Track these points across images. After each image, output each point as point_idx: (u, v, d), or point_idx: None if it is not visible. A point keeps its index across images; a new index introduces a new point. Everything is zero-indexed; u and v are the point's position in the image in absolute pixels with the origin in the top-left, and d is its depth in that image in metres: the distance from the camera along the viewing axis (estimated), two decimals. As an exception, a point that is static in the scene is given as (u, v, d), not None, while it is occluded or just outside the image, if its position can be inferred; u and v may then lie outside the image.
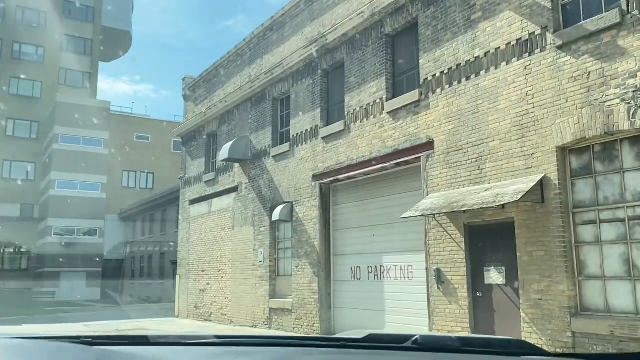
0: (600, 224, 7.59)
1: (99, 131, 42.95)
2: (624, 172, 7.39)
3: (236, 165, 16.90)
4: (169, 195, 33.49)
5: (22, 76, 44.49)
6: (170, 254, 32.61)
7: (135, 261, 39.92)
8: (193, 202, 19.70)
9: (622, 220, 7.35)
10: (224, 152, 16.41)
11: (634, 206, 7.22)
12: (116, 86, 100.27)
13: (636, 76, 7.08)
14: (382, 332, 1.67)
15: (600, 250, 7.56)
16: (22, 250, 41.85)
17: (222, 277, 17.24)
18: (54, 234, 40.53)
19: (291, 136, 14.43)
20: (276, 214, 14.20)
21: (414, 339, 1.60)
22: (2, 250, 41.74)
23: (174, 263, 30.02)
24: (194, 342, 1.72)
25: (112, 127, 44.32)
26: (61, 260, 38.89)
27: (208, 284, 18.06)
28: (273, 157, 15.09)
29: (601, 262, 7.52)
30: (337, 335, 1.83)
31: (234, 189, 17.06)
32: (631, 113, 7.08)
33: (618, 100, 7.24)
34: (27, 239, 41.55)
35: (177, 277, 20.47)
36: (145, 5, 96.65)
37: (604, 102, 7.40)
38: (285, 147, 14.60)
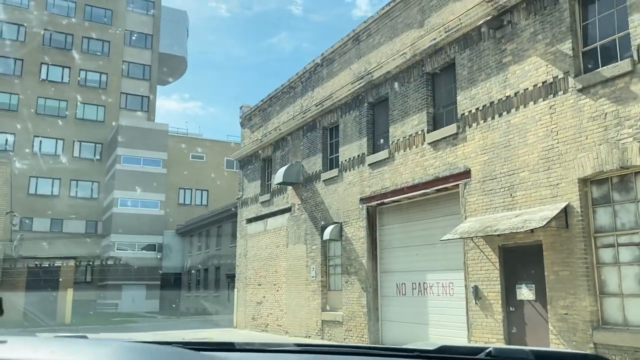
0: (618, 247, 8.56)
1: (157, 152, 45.79)
2: (638, 202, 8.35)
3: (289, 187, 18.39)
4: (224, 213, 35.45)
5: (87, 101, 47.93)
6: (225, 268, 34.46)
7: (192, 275, 42.06)
8: (250, 220, 21.32)
9: (637, 244, 8.30)
10: (278, 176, 17.95)
11: (647, 232, 8.17)
12: (166, 104, 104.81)
13: (646, 118, 8.07)
14: (454, 345, 1.79)
15: (618, 271, 8.51)
16: (88, 264, 44.80)
17: (277, 290, 18.69)
18: (117, 249, 43.30)
19: (340, 162, 15.79)
20: (327, 233, 15.55)
21: (487, 351, 1.58)
22: (64, 264, 44.80)
23: (229, 277, 31.80)
24: (276, 349, 1.79)
25: (169, 148, 47.02)
26: (124, 273, 41.52)
27: (264, 296, 19.54)
28: (323, 181, 16.48)
29: (619, 282, 8.47)
30: (408, 346, 1.86)
31: (288, 210, 18.54)
32: (642, 150, 8.07)
33: (631, 139, 8.24)
34: (91, 253, 44.48)
35: (236, 290, 22.07)
36: (191, 25, 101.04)
37: (619, 140, 8.41)
38: (334, 172, 15.98)
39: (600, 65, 8.97)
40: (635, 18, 8.38)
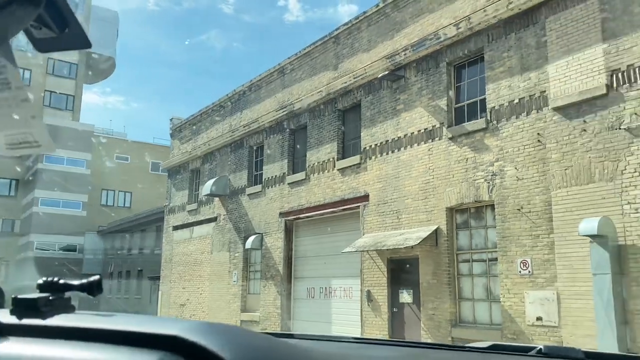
0: (472, 262, 11.10)
1: (82, 152, 45.56)
2: (487, 228, 10.93)
3: (216, 199, 20.08)
4: (149, 217, 36.24)
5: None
6: (149, 270, 35.27)
7: (114, 276, 42.28)
8: (176, 228, 22.74)
9: (485, 261, 10.87)
10: (206, 188, 19.60)
11: (491, 251, 10.74)
12: (86, 97, 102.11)
13: (493, 165, 10.66)
14: (504, 343, 1.78)
15: (471, 281, 11.05)
16: (2, 263, 43.78)
17: (201, 294, 20.28)
18: (35, 249, 42.72)
19: (263, 179, 17.74)
20: (249, 242, 17.42)
21: (537, 348, 1.60)
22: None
23: (152, 279, 32.69)
24: (333, 340, 1.85)
25: (93, 148, 46.91)
26: (41, 274, 41.05)
27: (188, 299, 21.05)
28: (248, 195, 18.35)
29: (472, 289, 11.01)
30: (461, 345, 1.90)
31: (214, 219, 20.21)
32: (489, 189, 10.65)
33: (483, 180, 10.81)
34: (7, 253, 43.55)
35: (160, 292, 23.37)
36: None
37: (475, 180, 10.96)
38: (258, 188, 17.90)
39: (465, 120, 11.52)
40: (490, 87, 10.98)
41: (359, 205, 13.82)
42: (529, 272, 9.75)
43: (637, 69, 8.77)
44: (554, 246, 9.45)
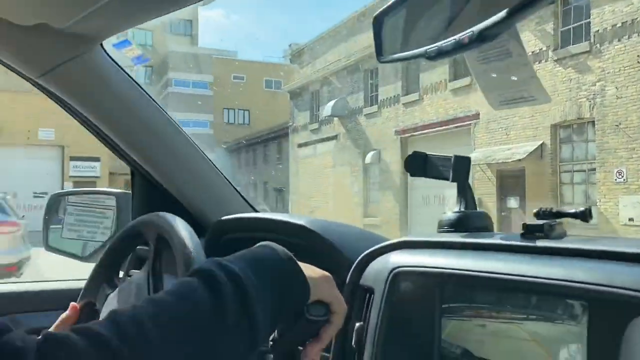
0: (573, 172, 12.57)
1: (204, 75, 49.82)
2: (587, 142, 12.23)
3: (336, 119, 22.40)
4: (270, 133, 39.78)
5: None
6: (273, 182, 39.32)
7: (241, 188, 47.20)
8: (300, 145, 25.62)
9: (584, 171, 12.29)
10: (327, 110, 21.94)
11: (590, 163, 12.10)
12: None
13: (595, 85, 11.76)
14: None
15: (572, 188, 12.58)
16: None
17: (327, 202, 23.29)
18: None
19: (379, 100, 19.65)
20: (367, 158, 19.77)
21: None
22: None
23: (276, 190, 36.69)
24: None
25: (213, 70, 50.99)
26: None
27: (316, 207, 24.20)
28: (365, 115, 20.44)
29: (572, 195, 12.57)
30: None
31: (334, 137, 22.68)
32: (591, 107, 11.83)
33: (585, 99, 11.97)
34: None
35: (290, 203, 26.85)
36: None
37: (578, 99, 12.14)
38: (374, 108, 19.89)
39: (571, 43, 12.49)
40: (594, 12, 11.80)
41: (470, 123, 15.43)
42: (624, 179, 11.13)
43: None
44: (649, 158, 10.70)
